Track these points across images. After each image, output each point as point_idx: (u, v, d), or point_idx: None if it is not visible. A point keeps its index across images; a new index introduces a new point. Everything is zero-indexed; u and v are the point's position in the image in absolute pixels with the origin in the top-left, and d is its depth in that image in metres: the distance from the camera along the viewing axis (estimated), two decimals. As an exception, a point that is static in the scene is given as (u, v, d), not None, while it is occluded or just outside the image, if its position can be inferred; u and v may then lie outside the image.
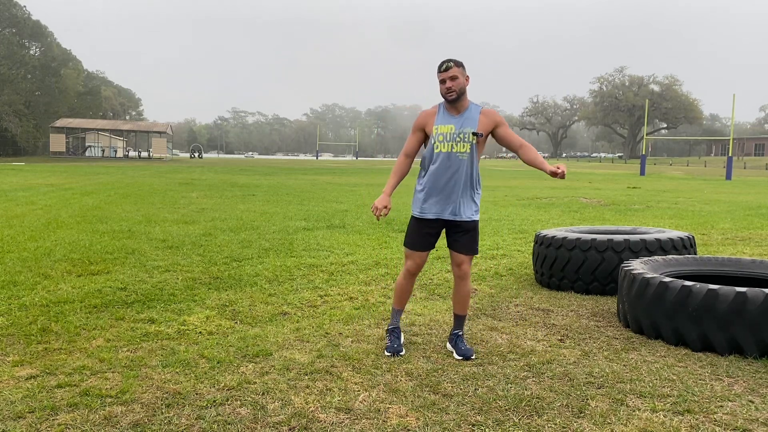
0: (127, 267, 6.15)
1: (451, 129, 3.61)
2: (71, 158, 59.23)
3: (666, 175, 42.18)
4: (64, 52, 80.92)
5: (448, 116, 3.65)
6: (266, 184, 21.91)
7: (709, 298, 3.73)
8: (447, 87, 3.56)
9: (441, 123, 3.64)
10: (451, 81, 3.56)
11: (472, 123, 3.62)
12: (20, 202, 12.88)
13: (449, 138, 3.60)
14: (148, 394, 3.05)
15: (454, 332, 3.84)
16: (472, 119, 3.63)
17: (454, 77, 3.56)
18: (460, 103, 3.63)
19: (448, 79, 3.56)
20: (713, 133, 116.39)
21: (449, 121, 3.63)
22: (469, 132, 3.60)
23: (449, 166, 3.62)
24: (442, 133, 3.62)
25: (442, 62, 3.60)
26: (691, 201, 16.42)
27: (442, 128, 3.63)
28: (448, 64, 3.57)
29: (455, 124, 3.62)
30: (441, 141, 3.62)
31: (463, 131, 3.60)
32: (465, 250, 3.77)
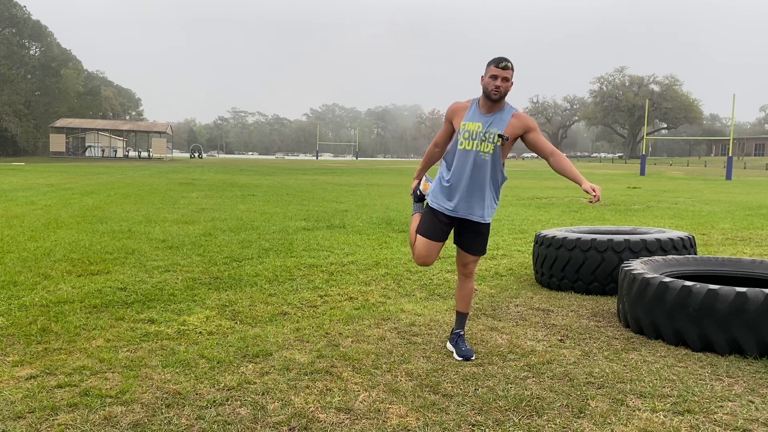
0: (127, 267, 6.14)
1: (479, 127, 3.52)
2: (71, 158, 59.24)
3: (666, 175, 42.18)
4: (64, 52, 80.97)
5: (479, 114, 3.55)
6: (266, 184, 21.91)
7: (709, 298, 3.73)
8: (497, 85, 3.42)
9: (469, 120, 3.55)
10: (503, 81, 3.42)
11: (500, 124, 3.52)
12: (20, 202, 12.87)
13: (474, 136, 3.52)
14: (148, 394, 3.05)
15: (455, 332, 3.84)
16: (502, 121, 3.52)
17: (507, 78, 3.43)
18: (497, 105, 3.52)
19: (501, 77, 3.41)
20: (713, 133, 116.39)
21: (478, 118, 3.53)
22: (495, 133, 3.50)
23: (471, 165, 3.54)
24: (468, 130, 3.53)
25: (501, 58, 3.43)
26: (691, 201, 16.42)
27: (469, 125, 3.54)
28: (508, 64, 3.42)
29: (483, 122, 3.52)
30: (466, 138, 3.54)
31: (489, 131, 3.50)
32: (473, 251, 3.76)
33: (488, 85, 3.46)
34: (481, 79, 3.53)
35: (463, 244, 3.77)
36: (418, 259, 3.82)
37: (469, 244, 3.75)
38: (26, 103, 71.20)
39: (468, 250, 3.76)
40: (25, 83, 71.72)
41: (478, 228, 3.71)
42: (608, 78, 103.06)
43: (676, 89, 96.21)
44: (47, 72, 72.64)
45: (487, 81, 3.46)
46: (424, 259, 3.79)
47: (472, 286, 3.89)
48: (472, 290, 3.90)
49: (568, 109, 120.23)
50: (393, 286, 5.61)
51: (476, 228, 3.71)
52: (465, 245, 3.76)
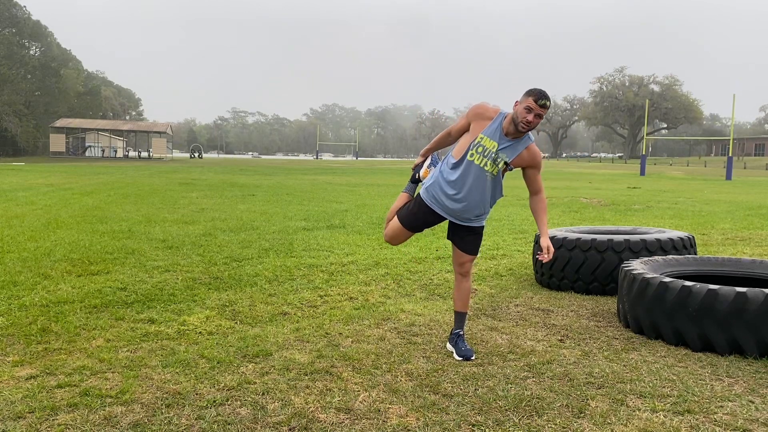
0: (127, 267, 6.14)
1: (494, 147, 3.49)
2: (71, 158, 59.22)
3: (666, 175, 42.18)
4: (64, 52, 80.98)
5: (500, 133, 3.50)
6: (266, 184, 21.90)
7: (709, 298, 3.73)
8: (528, 120, 3.36)
9: (489, 135, 3.50)
10: (537, 118, 3.37)
11: (511, 153, 3.50)
12: (20, 202, 12.87)
13: (486, 154, 3.50)
14: (148, 394, 3.05)
15: (455, 332, 3.84)
16: (515, 150, 3.50)
17: (540, 116, 3.38)
18: (519, 133, 3.49)
19: (536, 114, 3.36)
20: (713, 133, 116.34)
21: (497, 138, 3.49)
22: (503, 160, 3.51)
23: (475, 178, 3.55)
24: (483, 145, 3.50)
25: (543, 94, 3.36)
26: (691, 201, 16.42)
27: (486, 141, 3.50)
28: (547, 102, 3.37)
29: (499, 144, 3.49)
30: (479, 152, 3.51)
31: (500, 156, 3.50)
32: (470, 250, 3.80)
33: (520, 116, 3.39)
34: (515, 104, 3.46)
35: (459, 243, 3.79)
36: (386, 236, 4.04)
37: (466, 243, 3.77)
38: (26, 103, 71.19)
39: (464, 249, 3.78)
40: (25, 83, 71.72)
41: (474, 230, 3.76)
42: (608, 78, 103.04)
43: (676, 89, 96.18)
44: (47, 72, 72.63)
45: (521, 111, 3.39)
46: (391, 240, 4.01)
47: (469, 286, 3.90)
48: (470, 289, 3.92)
49: (568, 109, 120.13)
50: (393, 286, 5.61)
51: (472, 230, 3.76)
52: (461, 245, 3.78)
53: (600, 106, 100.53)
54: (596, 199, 16.61)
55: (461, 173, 3.58)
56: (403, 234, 3.93)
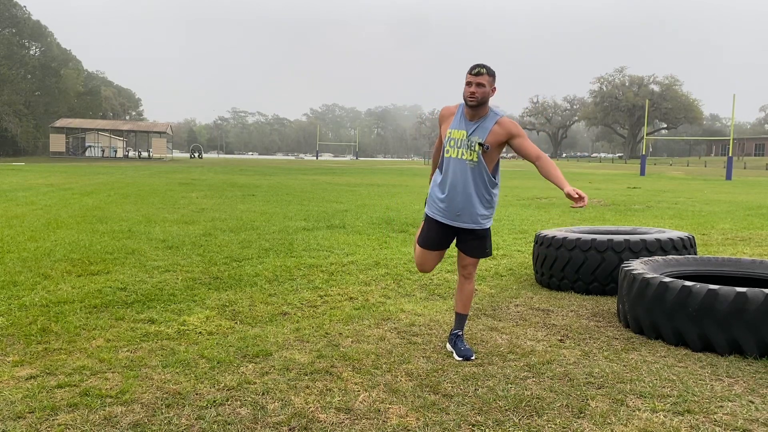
0: (127, 267, 6.14)
1: (462, 135, 3.56)
2: (71, 158, 59.23)
3: (666, 175, 42.17)
4: (64, 52, 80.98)
5: (464, 121, 3.59)
6: (266, 184, 21.90)
7: (709, 299, 3.73)
8: (471, 92, 3.47)
9: (455, 127, 3.60)
10: (477, 87, 3.46)
11: (482, 133, 3.54)
12: (20, 202, 12.87)
13: (459, 144, 3.57)
14: (148, 394, 3.05)
15: (454, 332, 3.84)
16: (484, 129, 3.54)
17: (481, 84, 3.46)
18: (478, 111, 3.54)
19: (475, 83, 3.46)
20: (713, 133, 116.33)
21: (463, 126, 3.58)
22: (476, 142, 3.54)
23: (458, 172, 3.58)
24: (453, 138, 3.59)
25: (475, 65, 3.50)
26: (691, 201, 16.42)
27: (454, 133, 3.59)
28: (480, 70, 3.48)
29: (467, 130, 3.56)
30: (452, 146, 3.59)
31: (471, 139, 3.55)
32: (473, 254, 3.78)
33: (465, 92, 3.53)
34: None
35: (462, 247, 3.80)
36: (417, 266, 4.03)
37: (469, 247, 3.77)
38: (26, 103, 71.19)
39: (467, 252, 3.78)
40: (25, 83, 71.72)
41: (476, 233, 3.73)
42: (608, 78, 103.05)
43: (676, 89, 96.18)
44: (47, 72, 72.64)
45: (464, 89, 3.53)
46: (422, 267, 3.98)
47: (472, 288, 3.91)
48: (472, 292, 3.92)
49: (568, 109, 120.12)
50: (393, 286, 5.61)
51: (474, 233, 3.73)
52: (464, 248, 3.79)
53: (600, 106, 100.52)
54: (596, 199, 16.61)
55: (445, 173, 3.66)
56: (426, 256, 3.88)
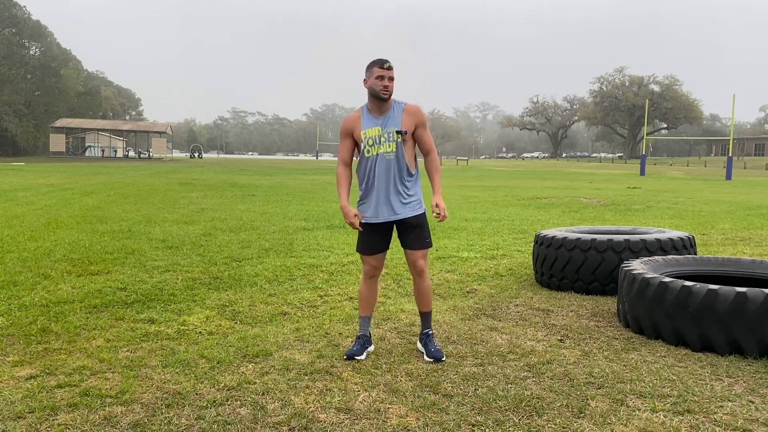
0: (127, 267, 6.14)
1: (378, 131, 3.63)
2: (71, 158, 59.22)
3: (666, 175, 42.17)
4: (64, 52, 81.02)
5: (373, 119, 3.65)
6: (266, 184, 21.91)
7: (709, 298, 3.73)
8: (385, 85, 3.54)
9: (367, 127, 3.65)
10: (390, 81, 3.56)
11: (395, 122, 3.64)
12: (20, 202, 12.87)
13: (378, 140, 3.62)
14: (148, 394, 3.05)
15: (424, 332, 3.81)
16: (395, 119, 3.64)
17: (392, 78, 3.58)
18: (385, 105, 3.64)
19: (388, 77, 3.55)
20: (713, 133, 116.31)
21: (374, 123, 3.64)
22: (393, 131, 3.62)
23: (379, 168, 3.62)
24: (370, 136, 3.63)
25: (383, 60, 3.57)
26: (691, 201, 16.42)
27: (369, 132, 3.64)
28: (390, 64, 3.57)
29: (380, 125, 3.63)
30: (371, 145, 3.63)
31: (387, 131, 3.62)
32: (416, 245, 3.71)
33: (376, 86, 3.56)
34: (364, 83, 3.63)
35: (404, 242, 3.75)
36: (366, 276, 3.83)
37: (410, 240, 3.71)
38: (26, 103, 71.21)
39: (411, 246, 3.72)
40: (25, 83, 71.75)
41: (412, 222, 3.69)
42: (608, 78, 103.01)
43: (676, 89, 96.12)
44: (47, 72, 72.65)
45: (374, 82, 3.56)
46: (374, 273, 3.82)
47: (429, 284, 3.83)
48: (430, 288, 3.84)
49: (568, 109, 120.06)
50: (393, 286, 5.61)
51: (410, 223, 3.68)
52: (407, 243, 3.73)
53: (600, 106, 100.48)
54: (596, 199, 16.61)
55: (367, 172, 3.66)
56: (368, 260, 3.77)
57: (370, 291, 3.84)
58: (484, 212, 12.16)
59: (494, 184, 23.92)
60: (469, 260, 6.92)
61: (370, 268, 3.80)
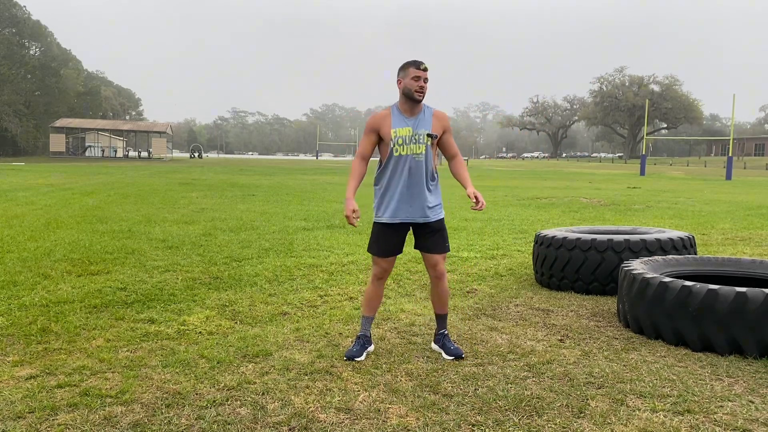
0: (127, 267, 6.14)
1: (409, 131, 3.63)
2: (71, 158, 59.23)
3: (666, 175, 42.17)
4: (64, 52, 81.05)
5: (404, 119, 3.65)
6: (266, 184, 21.91)
7: (709, 298, 3.73)
8: (420, 86, 3.56)
9: (398, 126, 3.64)
10: (425, 82, 3.58)
11: (426, 125, 3.65)
12: (20, 202, 12.87)
13: (407, 140, 3.62)
14: (148, 394, 3.05)
15: (440, 332, 3.83)
16: (426, 121, 3.65)
17: (427, 79, 3.59)
18: (418, 106, 3.64)
19: (423, 78, 3.56)
20: (713, 133, 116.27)
21: (405, 123, 3.64)
22: (424, 134, 3.62)
23: (407, 169, 3.61)
24: (401, 136, 3.62)
25: (419, 61, 3.59)
26: (691, 201, 16.42)
27: (400, 131, 3.63)
28: (426, 66, 3.58)
29: (411, 125, 3.63)
30: (400, 144, 3.61)
31: (418, 133, 3.62)
32: (438, 250, 3.72)
33: (411, 86, 3.57)
34: (398, 83, 3.63)
35: (425, 246, 3.74)
36: (375, 278, 3.78)
37: (432, 244, 3.71)
38: (26, 103, 71.23)
39: (432, 250, 3.72)
40: (25, 83, 71.77)
41: (433, 226, 3.70)
42: (608, 78, 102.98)
43: (676, 89, 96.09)
44: (47, 72, 72.67)
45: (409, 83, 3.57)
46: (384, 275, 3.78)
47: (447, 287, 3.85)
48: (448, 291, 3.87)
49: (568, 109, 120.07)
50: (393, 286, 5.61)
51: (432, 227, 3.70)
52: (428, 247, 3.73)
53: (600, 106, 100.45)
54: (596, 199, 16.61)
55: (393, 171, 3.64)
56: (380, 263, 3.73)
57: (377, 292, 3.83)
58: (484, 212, 12.16)
59: (494, 184, 23.92)
60: (469, 260, 6.92)
61: (381, 270, 3.76)
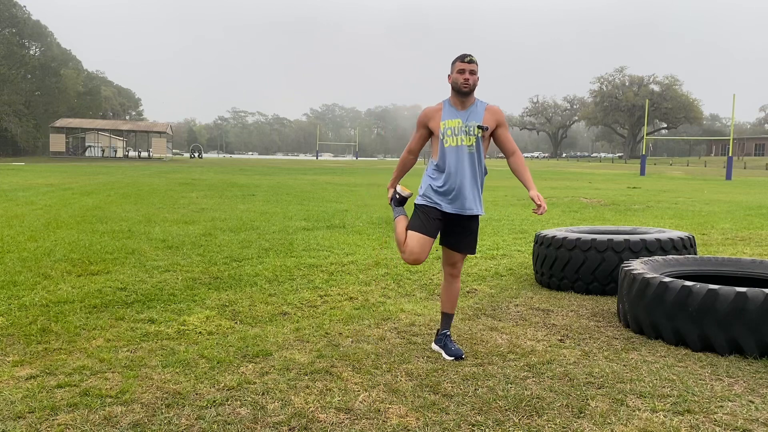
0: (127, 267, 6.14)
1: (459, 123, 3.62)
2: (71, 158, 59.23)
3: (666, 175, 42.17)
4: (64, 52, 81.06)
5: (455, 111, 3.65)
6: (266, 184, 21.91)
7: (709, 298, 3.73)
8: (465, 78, 3.55)
9: (448, 117, 3.64)
10: (471, 74, 3.56)
11: (477, 117, 3.63)
12: (20, 202, 12.87)
13: (457, 131, 3.61)
14: (148, 394, 3.05)
15: (442, 332, 3.83)
16: (478, 113, 3.64)
17: (473, 71, 3.58)
18: (468, 98, 3.64)
19: (469, 71, 3.56)
20: (713, 133, 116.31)
21: (456, 115, 3.63)
22: (474, 125, 3.61)
23: (460, 159, 3.61)
24: (450, 127, 3.62)
25: (465, 54, 3.60)
26: (691, 201, 16.42)
27: (449, 122, 3.63)
28: (473, 58, 3.58)
29: (462, 118, 3.62)
30: (449, 135, 3.62)
31: (468, 125, 3.61)
32: (465, 249, 3.76)
33: (457, 79, 3.58)
34: (448, 78, 3.65)
35: (452, 242, 3.75)
36: (410, 255, 3.66)
37: (459, 241, 3.73)
38: (26, 103, 71.23)
39: (457, 248, 3.74)
40: (25, 83, 71.80)
41: (470, 224, 3.73)
42: (608, 78, 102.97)
43: (676, 89, 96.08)
44: (47, 72, 72.69)
45: (456, 76, 3.59)
46: (418, 256, 3.65)
47: (459, 287, 3.88)
48: (458, 290, 3.90)
49: (568, 109, 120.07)
50: (393, 286, 5.61)
51: (468, 224, 3.72)
52: (454, 244, 3.75)
53: (600, 106, 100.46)
54: (596, 199, 16.61)
55: (447, 164, 3.63)
56: (425, 242, 3.64)
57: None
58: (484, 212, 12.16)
59: (494, 184, 23.92)
60: (469, 260, 6.92)
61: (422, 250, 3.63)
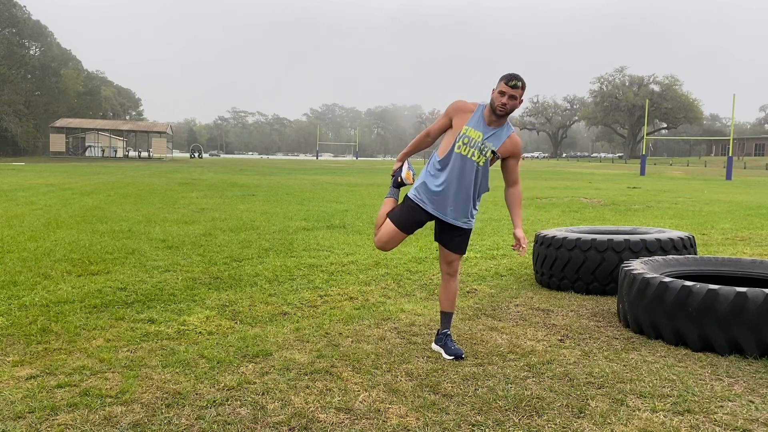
0: (127, 267, 6.14)
1: (479, 137, 3.53)
2: (71, 158, 59.23)
3: (666, 175, 42.17)
4: (64, 52, 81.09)
5: (483, 124, 3.55)
6: (266, 184, 21.91)
7: (709, 298, 3.73)
8: (503, 102, 3.45)
9: (473, 126, 3.56)
10: (510, 99, 3.46)
11: (496, 141, 3.56)
12: (20, 202, 12.87)
13: (473, 144, 3.53)
14: (148, 394, 3.05)
15: (442, 332, 3.83)
16: (499, 138, 3.56)
17: (514, 97, 3.46)
18: (500, 120, 3.55)
19: (509, 95, 3.45)
20: (713, 133, 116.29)
21: (481, 128, 3.55)
22: (490, 148, 3.54)
23: (463, 170, 3.57)
24: (468, 136, 3.54)
25: (513, 76, 3.46)
26: (691, 201, 16.42)
27: (470, 132, 3.54)
28: (517, 83, 3.45)
29: (484, 133, 3.54)
30: (465, 143, 3.54)
31: (486, 145, 3.54)
32: (458, 249, 3.78)
33: (496, 100, 3.49)
34: (492, 91, 3.55)
35: (444, 241, 3.77)
36: (379, 242, 3.84)
37: (454, 244, 3.75)
38: (26, 103, 71.25)
39: (453, 249, 3.76)
40: (25, 83, 71.81)
41: (462, 230, 3.73)
42: (608, 78, 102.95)
43: (676, 89, 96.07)
44: (47, 72, 72.72)
45: (496, 96, 3.49)
46: (384, 245, 3.82)
47: (457, 285, 3.90)
48: (457, 289, 3.91)
49: (568, 109, 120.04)
50: (393, 286, 5.61)
51: (461, 230, 3.73)
52: (449, 245, 3.76)
53: (600, 106, 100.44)
54: (596, 199, 16.61)
55: (449, 168, 3.60)
56: (396, 236, 3.77)
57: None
58: (484, 212, 12.15)
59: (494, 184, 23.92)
60: (469, 260, 6.92)
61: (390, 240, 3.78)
